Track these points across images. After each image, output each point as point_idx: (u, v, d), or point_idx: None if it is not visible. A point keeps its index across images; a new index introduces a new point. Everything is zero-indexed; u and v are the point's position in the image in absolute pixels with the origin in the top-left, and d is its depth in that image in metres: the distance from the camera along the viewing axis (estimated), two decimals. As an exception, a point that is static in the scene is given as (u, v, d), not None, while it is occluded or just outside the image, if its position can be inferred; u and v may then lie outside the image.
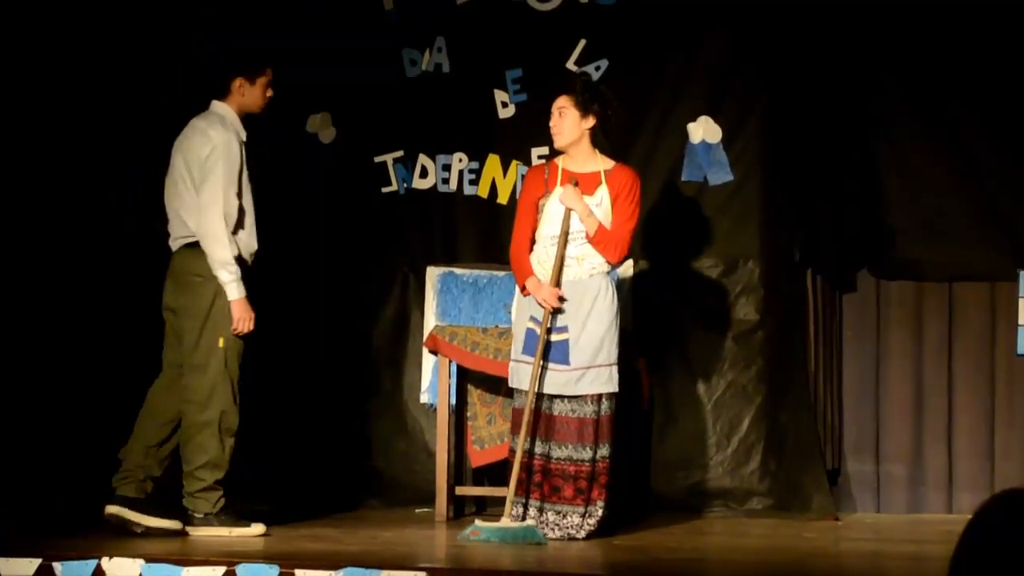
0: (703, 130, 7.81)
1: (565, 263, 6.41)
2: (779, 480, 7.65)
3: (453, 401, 7.30)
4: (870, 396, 8.04)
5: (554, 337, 6.38)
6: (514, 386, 6.46)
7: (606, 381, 6.37)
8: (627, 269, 7.67)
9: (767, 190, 7.81)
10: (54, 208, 7.91)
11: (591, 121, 6.45)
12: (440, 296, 7.74)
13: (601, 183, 6.47)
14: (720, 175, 7.81)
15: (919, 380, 7.98)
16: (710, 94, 7.82)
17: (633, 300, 7.67)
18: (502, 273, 7.63)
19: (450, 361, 7.18)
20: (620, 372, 6.45)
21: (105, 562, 5.12)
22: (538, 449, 6.38)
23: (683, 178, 7.85)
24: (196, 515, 6.21)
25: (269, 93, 6.44)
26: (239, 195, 6.27)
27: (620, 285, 7.61)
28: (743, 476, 7.65)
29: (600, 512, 6.37)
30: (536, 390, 6.32)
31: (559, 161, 6.56)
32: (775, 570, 5.44)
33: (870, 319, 8.05)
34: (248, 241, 6.34)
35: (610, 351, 6.38)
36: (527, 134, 7.71)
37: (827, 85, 7.80)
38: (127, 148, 7.94)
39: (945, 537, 5.50)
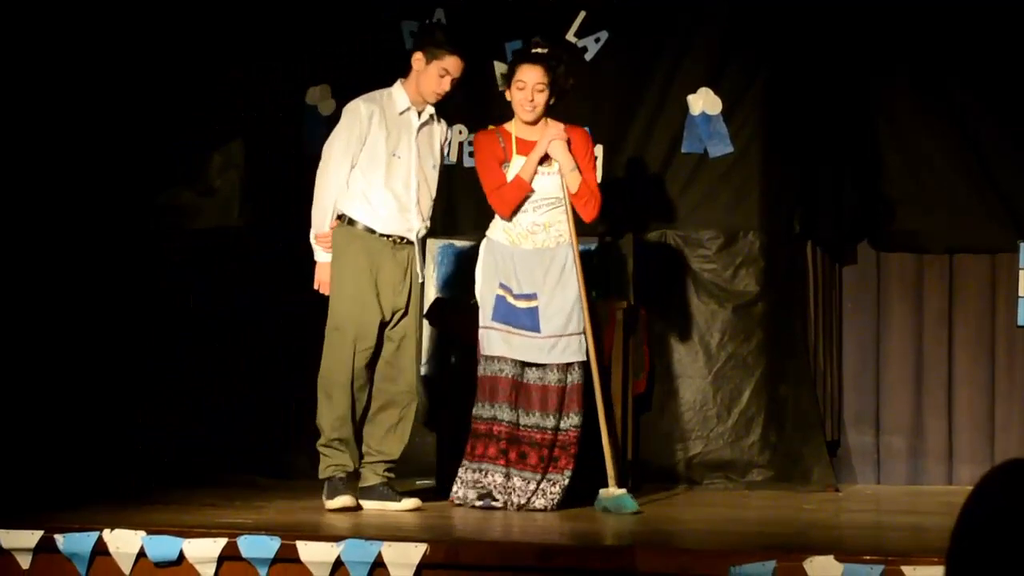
0: (703, 102, 7.80)
1: (531, 230, 6.41)
2: (779, 452, 7.66)
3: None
4: (870, 368, 8.05)
5: (522, 304, 6.35)
6: (486, 353, 6.38)
7: (576, 350, 6.35)
8: (626, 242, 7.67)
9: (767, 162, 7.80)
10: (54, 206, 7.94)
11: (553, 99, 6.45)
12: (440, 268, 7.73)
13: None
14: (720, 147, 7.80)
15: (919, 352, 7.98)
16: (710, 66, 7.80)
17: (633, 273, 7.66)
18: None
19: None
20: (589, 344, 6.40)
21: (107, 534, 5.13)
22: (507, 416, 6.34)
23: (683, 150, 7.84)
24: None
25: (446, 85, 6.26)
26: (358, 165, 6.20)
27: (620, 258, 7.60)
28: (743, 448, 7.66)
29: (566, 481, 6.35)
30: (509, 356, 6.32)
31: (510, 128, 6.52)
32: (775, 541, 5.45)
33: (870, 291, 8.06)
34: (376, 214, 6.24)
35: (579, 320, 6.35)
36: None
37: (827, 57, 7.79)
38: (127, 148, 7.95)
39: (945, 508, 5.52)
